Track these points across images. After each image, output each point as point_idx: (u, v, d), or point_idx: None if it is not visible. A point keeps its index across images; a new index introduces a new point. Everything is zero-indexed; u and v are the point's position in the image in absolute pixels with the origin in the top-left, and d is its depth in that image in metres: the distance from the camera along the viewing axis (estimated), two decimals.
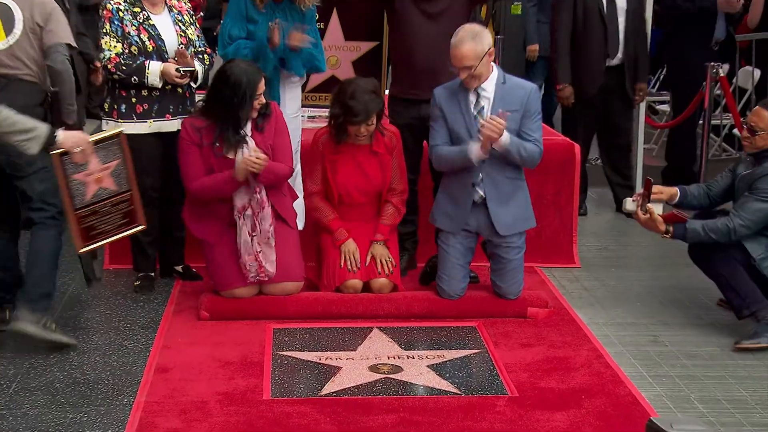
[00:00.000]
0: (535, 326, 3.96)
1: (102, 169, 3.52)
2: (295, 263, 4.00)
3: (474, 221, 3.97)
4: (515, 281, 4.04)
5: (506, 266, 4.01)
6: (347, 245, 3.99)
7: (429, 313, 4.03)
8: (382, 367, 3.55)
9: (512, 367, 3.55)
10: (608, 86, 5.31)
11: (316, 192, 4.04)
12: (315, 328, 3.91)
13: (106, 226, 3.58)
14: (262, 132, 3.86)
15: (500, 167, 3.90)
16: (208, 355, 3.60)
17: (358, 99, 3.86)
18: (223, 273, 3.93)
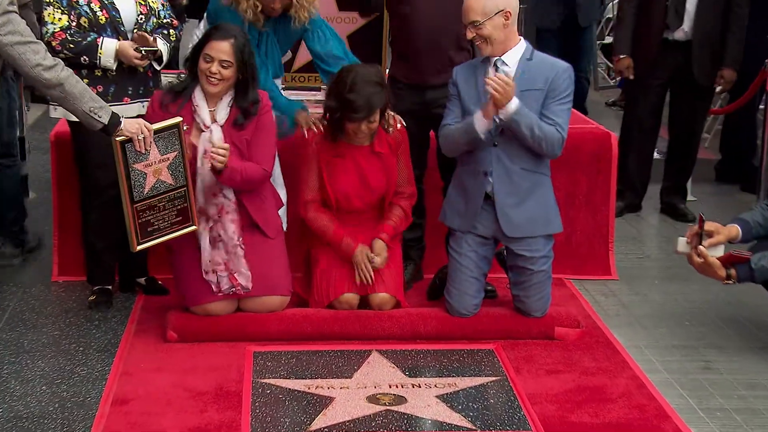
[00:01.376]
0: (564, 349, 3.98)
1: (161, 160, 3.71)
2: (279, 275, 4.01)
3: (485, 220, 3.99)
4: (541, 296, 4.05)
5: (530, 278, 4.03)
6: (358, 254, 3.97)
7: (438, 333, 4.05)
8: (383, 398, 3.56)
9: (537, 398, 3.56)
10: (669, 65, 5.34)
11: (312, 200, 4.02)
12: (303, 351, 3.92)
13: (162, 223, 3.77)
14: (240, 127, 3.88)
15: (514, 154, 3.90)
16: (176, 383, 3.61)
17: (358, 92, 3.83)
18: (194, 285, 3.95)
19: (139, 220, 3.71)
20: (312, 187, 4.01)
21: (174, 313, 4.03)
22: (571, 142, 4.65)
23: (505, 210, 3.93)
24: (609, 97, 8.81)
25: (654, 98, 5.49)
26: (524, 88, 3.82)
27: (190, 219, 3.82)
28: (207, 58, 3.79)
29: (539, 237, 3.99)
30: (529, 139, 3.82)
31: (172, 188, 3.77)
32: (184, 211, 3.80)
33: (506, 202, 3.93)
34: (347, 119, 3.87)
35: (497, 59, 3.87)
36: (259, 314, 4.01)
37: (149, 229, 3.75)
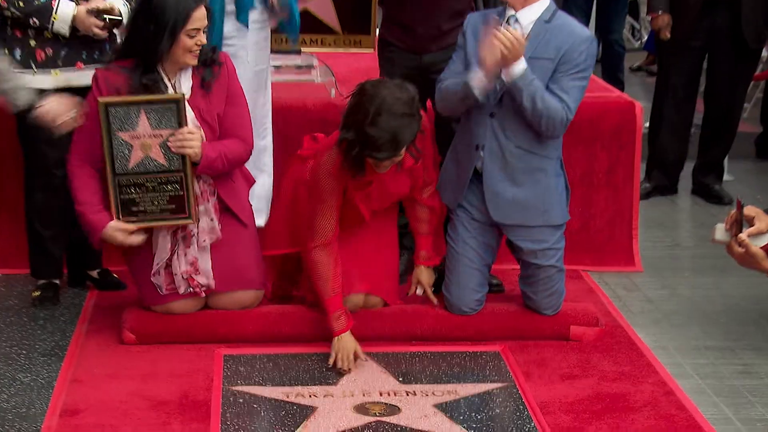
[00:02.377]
0: (580, 351, 3.99)
1: (151, 135, 3.74)
2: (251, 267, 4.01)
3: (476, 200, 3.99)
4: (551, 292, 4.06)
5: (536, 273, 4.04)
6: (342, 341, 3.81)
7: (436, 333, 4.06)
8: (373, 407, 3.57)
9: (549, 406, 3.57)
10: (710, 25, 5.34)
11: (324, 245, 3.82)
12: (281, 354, 3.92)
13: (150, 206, 3.82)
14: (208, 94, 3.86)
15: (511, 129, 3.89)
16: (135, 391, 3.61)
17: (382, 126, 3.57)
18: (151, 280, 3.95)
19: (121, 196, 3.79)
20: (324, 233, 3.81)
21: (131, 312, 4.02)
22: (589, 113, 4.66)
23: (493, 190, 3.93)
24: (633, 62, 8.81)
25: (691, 63, 5.49)
26: (532, 55, 3.79)
27: (185, 210, 3.84)
28: (192, 33, 3.73)
29: (542, 227, 3.99)
30: (529, 111, 3.80)
31: (164, 170, 3.79)
32: (178, 199, 3.82)
33: (494, 182, 3.93)
34: (368, 156, 3.67)
35: (511, 15, 3.85)
36: (229, 312, 4.01)
37: (133, 209, 3.81)
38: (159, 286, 3.91)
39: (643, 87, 7.99)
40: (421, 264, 4.10)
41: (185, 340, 3.95)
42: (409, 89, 3.67)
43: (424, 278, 4.10)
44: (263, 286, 4.06)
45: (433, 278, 4.12)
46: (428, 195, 4.06)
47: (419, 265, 4.10)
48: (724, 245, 3.78)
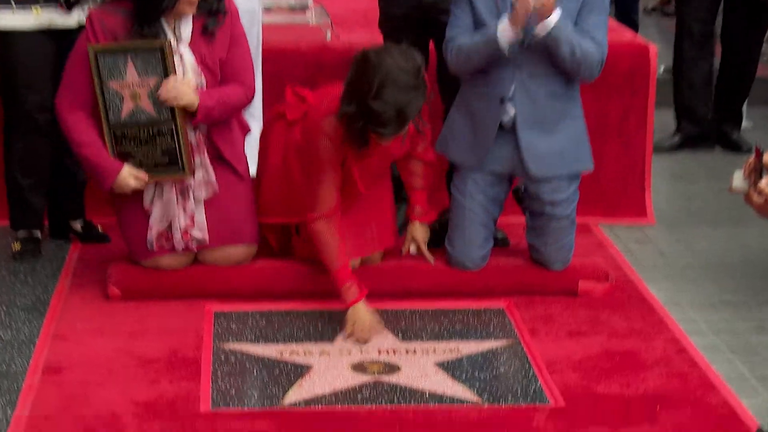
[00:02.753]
0: (589, 307, 4.00)
1: (139, 84, 3.75)
2: (244, 221, 4.01)
3: (502, 155, 3.97)
4: (562, 244, 4.07)
5: (548, 224, 4.04)
6: (357, 311, 3.76)
7: (437, 289, 4.07)
8: (371, 366, 3.58)
9: (556, 365, 3.59)
10: None
11: (326, 215, 3.79)
12: (274, 311, 3.93)
13: (145, 159, 3.84)
14: (211, 40, 3.83)
15: (540, 76, 3.88)
16: (121, 349, 3.62)
17: (387, 100, 3.50)
18: (144, 234, 3.94)
19: (117, 148, 3.82)
20: (328, 203, 3.78)
21: (117, 266, 4.02)
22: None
23: (529, 143, 3.91)
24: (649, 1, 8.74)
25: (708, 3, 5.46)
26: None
27: (179, 163, 3.84)
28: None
29: (562, 176, 4.00)
30: (567, 59, 3.78)
31: (154, 121, 3.80)
32: (170, 152, 3.82)
33: (529, 135, 3.91)
34: (371, 131, 3.61)
35: None
36: (221, 267, 4.02)
37: (130, 162, 3.84)
38: (151, 242, 3.91)
39: (658, 29, 7.92)
40: (416, 220, 4.09)
41: (174, 296, 3.96)
42: (415, 58, 3.58)
43: (419, 235, 4.09)
44: (256, 240, 4.06)
45: (428, 235, 4.11)
46: (423, 149, 4.03)
47: (413, 222, 4.09)
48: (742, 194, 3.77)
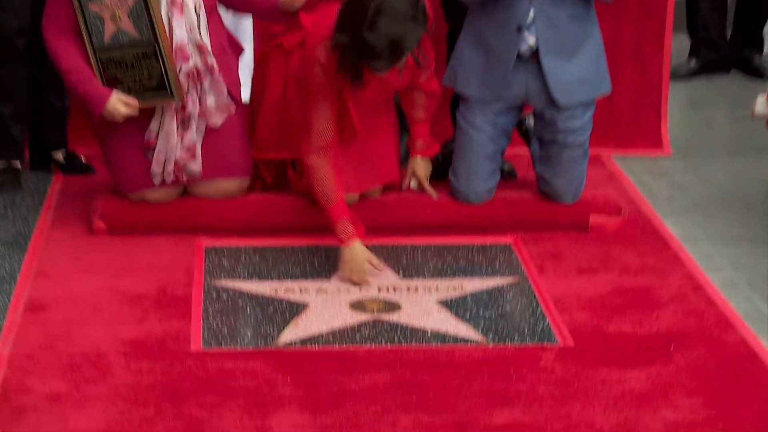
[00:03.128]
0: (601, 243, 4.00)
1: (117, 4, 3.74)
2: (237, 153, 4.01)
3: (517, 84, 3.96)
4: (573, 176, 4.06)
5: (560, 154, 4.03)
6: (353, 251, 3.73)
7: (440, 223, 4.07)
8: (371, 304, 3.59)
9: (565, 303, 3.60)
10: None
11: (322, 148, 3.74)
12: (269, 246, 3.94)
13: (132, 84, 3.84)
14: None
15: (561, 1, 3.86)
16: (107, 286, 3.63)
17: (381, 31, 3.44)
18: (132, 167, 3.93)
19: (105, 74, 3.82)
20: (323, 135, 3.74)
21: (102, 198, 4.02)
22: None
23: (555, 73, 3.88)
24: None
25: None
26: None
27: (166, 87, 3.83)
28: None
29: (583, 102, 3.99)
30: None
31: (137, 43, 3.78)
32: (158, 75, 3.82)
33: (555, 63, 3.88)
34: (365, 64, 3.57)
35: None
36: (212, 200, 4.02)
37: (118, 88, 3.83)
38: (156, 174, 3.89)
39: None
40: (417, 154, 4.07)
41: (163, 230, 3.96)
42: None
43: (420, 170, 4.08)
44: (249, 173, 4.05)
45: (429, 170, 4.10)
46: (426, 78, 3.98)
47: (415, 156, 4.07)
48: (765, 120, 3.77)
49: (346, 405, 3.02)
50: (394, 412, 3.00)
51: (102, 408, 2.98)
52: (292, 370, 3.20)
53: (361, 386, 3.13)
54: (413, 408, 3.02)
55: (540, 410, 3.02)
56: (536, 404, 3.05)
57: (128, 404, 3.00)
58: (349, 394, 3.08)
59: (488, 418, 2.98)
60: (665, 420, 2.99)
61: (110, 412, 2.96)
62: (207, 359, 3.24)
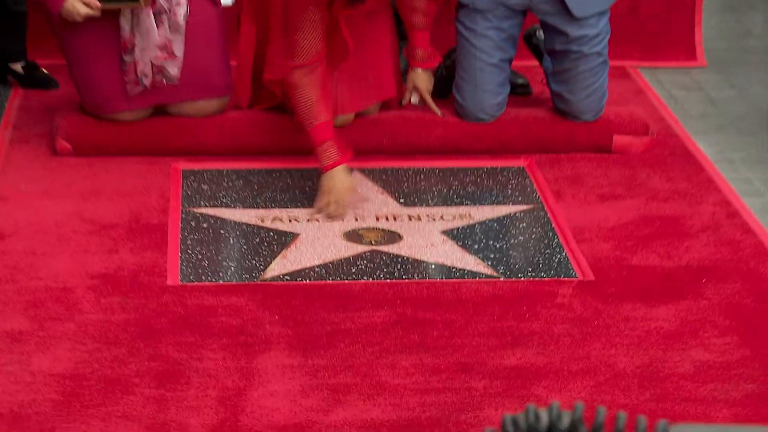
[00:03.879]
0: (625, 166, 4.01)
1: None
2: (216, 68, 4.01)
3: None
4: (593, 90, 4.05)
5: (576, 65, 4.02)
6: (333, 178, 3.70)
7: (445, 145, 4.08)
8: (368, 234, 3.61)
9: (585, 232, 3.61)
10: None
11: (307, 65, 3.73)
12: (254, 169, 3.95)
13: None
14: None
15: None
16: (73, 213, 3.64)
17: None
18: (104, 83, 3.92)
19: None
20: (307, 51, 3.72)
21: (66, 115, 4.02)
22: None
23: None
24: None
25: None
26: None
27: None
28: None
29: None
30: None
31: None
32: None
33: None
34: None
35: None
36: (190, 119, 4.02)
37: None
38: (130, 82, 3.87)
39: None
40: (418, 66, 4.06)
41: (135, 151, 3.97)
42: None
43: (421, 83, 4.07)
44: (229, 91, 4.04)
45: (431, 83, 4.09)
46: None
47: (415, 68, 4.06)
48: None
49: (339, 345, 3.04)
50: (393, 353, 3.02)
51: (68, 348, 2.99)
52: (279, 307, 3.21)
53: (357, 325, 3.14)
54: (414, 349, 3.03)
55: (556, 351, 3.04)
56: (551, 344, 3.06)
57: (98, 344, 3.01)
58: (344, 334, 3.10)
59: (498, 359, 3.00)
60: (695, 361, 3.00)
61: (78, 353, 2.97)
62: (185, 294, 3.25)
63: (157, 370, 2.92)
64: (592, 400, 2.85)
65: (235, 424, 2.73)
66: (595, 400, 2.85)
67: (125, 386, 2.85)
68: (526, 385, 2.90)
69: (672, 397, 2.86)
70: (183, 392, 2.84)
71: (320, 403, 2.82)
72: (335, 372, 2.94)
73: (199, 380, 2.88)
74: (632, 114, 4.15)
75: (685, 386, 2.90)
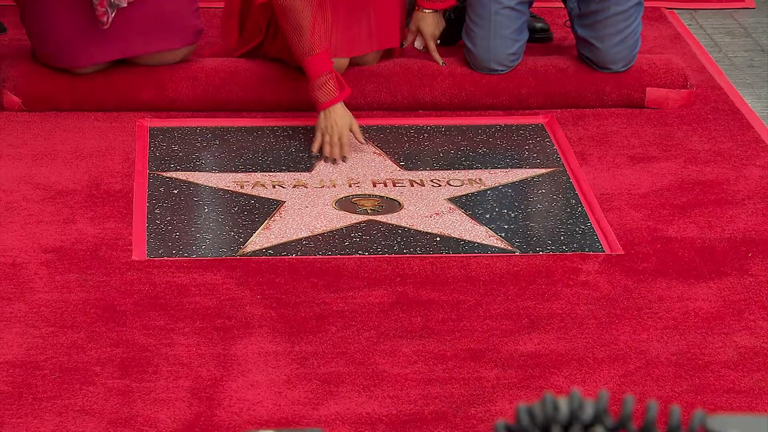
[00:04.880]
0: (660, 123, 4.02)
1: None
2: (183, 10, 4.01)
3: None
4: (624, 35, 4.06)
5: (608, 6, 4.03)
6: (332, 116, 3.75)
7: (453, 99, 4.08)
8: (363, 202, 3.62)
9: (613, 200, 3.62)
10: None
11: None
12: (231, 127, 3.96)
13: None
14: None
15: None
16: (23, 177, 3.65)
17: None
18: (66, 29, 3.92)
19: None
20: None
21: (15, 64, 4.03)
22: None
23: None
24: None
25: None
26: None
27: None
28: None
29: None
30: None
31: None
32: None
33: None
34: None
35: None
36: (158, 68, 4.04)
37: None
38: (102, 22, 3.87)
39: None
40: (427, 5, 4.06)
41: (94, 107, 3.97)
42: None
43: (426, 26, 4.06)
44: (197, 37, 4.05)
45: (440, 28, 4.08)
46: None
47: (421, 7, 4.06)
48: None
49: (330, 330, 3.06)
50: (392, 338, 3.03)
51: (19, 332, 3.01)
52: (262, 286, 3.22)
53: (351, 306, 3.16)
54: (417, 333, 3.05)
55: (579, 335, 3.05)
56: (574, 328, 3.08)
57: (52, 327, 3.03)
58: (335, 316, 3.12)
59: (513, 345, 3.02)
60: (739, 346, 3.02)
61: (29, 337, 2.99)
62: (153, 271, 3.26)
63: (121, 358, 2.93)
64: (621, 391, 2.86)
65: (210, 419, 2.75)
66: (623, 391, 2.86)
67: (84, 376, 2.87)
68: (544, 375, 2.92)
69: (712, 389, 2.88)
70: (151, 383, 2.85)
71: (308, 395, 2.84)
72: (326, 360, 2.96)
73: (170, 369, 2.90)
74: (668, 63, 4.15)
75: (727, 376, 2.92)
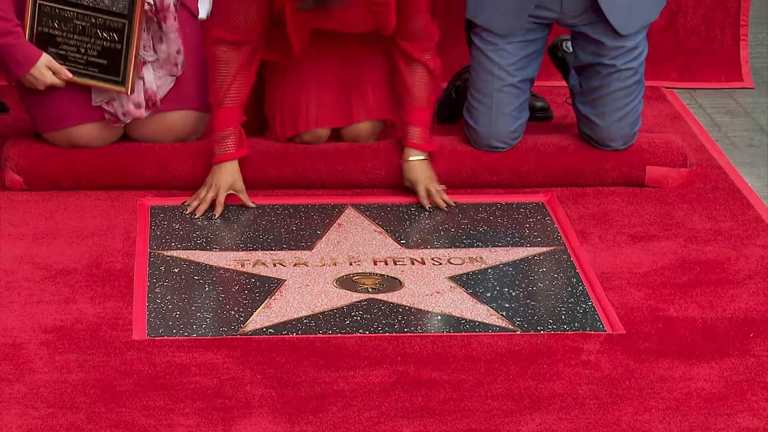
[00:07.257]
0: (660, 202, 4.02)
1: None
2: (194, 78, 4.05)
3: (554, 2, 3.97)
4: (625, 113, 4.08)
5: (608, 83, 4.04)
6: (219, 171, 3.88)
7: (453, 178, 4.09)
8: (364, 281, 3.61)
9: (614, 279, 3.61)
10: None
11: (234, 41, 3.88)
12: (232, 205, 3.96)
13: (73, 53, 3.92)
14: None
15: None
16: (23, 256, 3.65)
17: None
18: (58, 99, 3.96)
19: (39, 27, 3.90)
20: (237, 24, 3.87)
21: (17, 144, 4.04)
22: None
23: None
24: None
25: None
26: None
27: (119, 72, 3.90)
28: None
29: None
30: None
31: (104, 10, 3.87)
32: (112, 54, 3.89)
33: None
34: None
35: None
36: (160, 145, 4.04)
37: (51, 50, 3.91)
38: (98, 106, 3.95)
39: None
40: (412, 146, 4.00)
41: (96, 185, 3.98)
42: None
43: (419, 174, 3.99)
44: (207, 107, 4.07)
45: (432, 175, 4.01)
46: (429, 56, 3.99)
47: (409, 149, 4.00)
48: None
49: (331, 410, 3.04)
50: (393, 418, 3.01)
51: (18, 413, 2.98)
52: (262, 365, 3.21)
53: (351, 386, 3.14)
54: (418, 413, 3.03)
55: (581, 415, 3.03)
56: (576, 408, 3.06)
57: (52, 408, 3.00)
58: (336, 396, 3.10)
59: (514, 425, 2.99)
60: (741, 428, 3.00)
61: (29, 419, 2.97)
62: (153, 351, 3.25)
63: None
64: None
65: None
66: None
67: None
68: None
69: None
70: None
71: None
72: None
73: None
74: (668, 142, 4.17)
75: None
